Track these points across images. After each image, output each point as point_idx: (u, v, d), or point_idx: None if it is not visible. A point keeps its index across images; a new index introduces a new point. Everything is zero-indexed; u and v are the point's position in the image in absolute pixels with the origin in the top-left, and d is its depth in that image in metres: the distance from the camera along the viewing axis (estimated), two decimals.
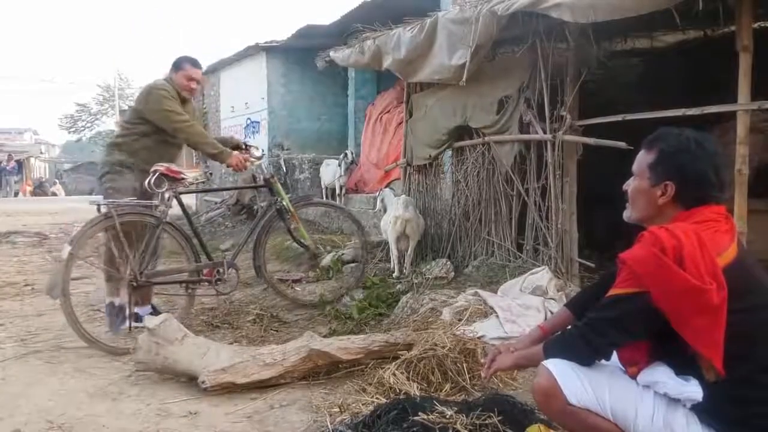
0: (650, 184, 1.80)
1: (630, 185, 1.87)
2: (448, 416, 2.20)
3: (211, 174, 4.74)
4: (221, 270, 4.14)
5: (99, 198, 3.96)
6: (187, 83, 4.18)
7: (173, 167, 4.00)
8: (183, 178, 4.02)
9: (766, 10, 4.54)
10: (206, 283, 4.15)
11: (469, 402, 2.42)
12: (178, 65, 4.21)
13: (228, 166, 4.27)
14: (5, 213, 11.87)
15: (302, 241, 4.75)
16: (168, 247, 4.42)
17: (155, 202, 3.89)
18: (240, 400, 2.88)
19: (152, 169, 3.92)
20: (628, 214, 1.89)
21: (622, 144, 3.96)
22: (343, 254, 5.91)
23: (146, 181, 3.87)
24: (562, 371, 1.76)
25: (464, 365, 2.87)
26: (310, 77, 11.15)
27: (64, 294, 3.55)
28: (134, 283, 3.77)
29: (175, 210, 4.08)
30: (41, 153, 32.77)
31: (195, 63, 4.26)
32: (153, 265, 3.97)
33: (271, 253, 6.25)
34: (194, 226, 4.37)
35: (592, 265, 4.60)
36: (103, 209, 3.68)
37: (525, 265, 4.74)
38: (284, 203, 4.48)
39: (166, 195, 3.93)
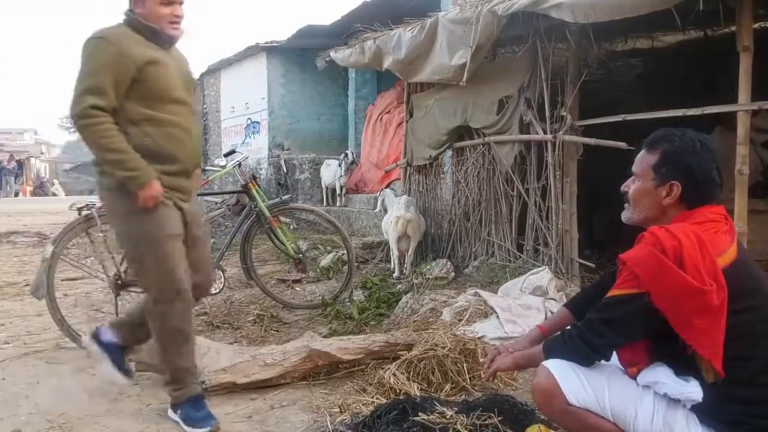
0: (655, 185, 1.79)
1: (630, 186, 1.86)
2: (448, 416, 2.20)
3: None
4: None
5: (78, 199, 3.91)
6: (163, 10, 2.52)
7: None
8: None
9: (767, 10, 4.55)
10: None
11: (470, 402, 2.41)
12: None
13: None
14: (5, 213, 11.86)
15: (282, 247, 4.64)
16: None
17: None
18: (240, 400, 2.88)
19: None
20: (628, 215, 1.88)
21: (622, 144, 3.96)
22: (343, 254, 5.92)
23: None
24: (562, 371, 1.76)
25: (464, 365, 2.87)
26: (311, 77, 11.16)
27: (49, 294, 3.52)
28: (119, 282, 3.74)
29: None
30: (42, 153, 32.75)
31: None
32: None
33: (270, 254, 6.25)
34: None
35: (593, 265, 4.60)
36: (84, 211, 3.67)
37: (525, 266, 4.74)
38: (261, 209, 4.41)
39: None
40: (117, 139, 2.43)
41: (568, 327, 1.92)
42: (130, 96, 2.47)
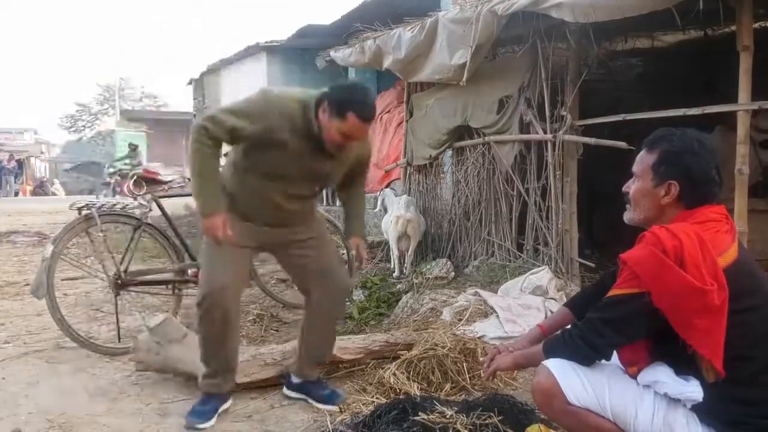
0: (653, 184, 1.79)
1: (631, 187, 1.86)
2: (448, 416, 2.20)
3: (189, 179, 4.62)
4: None
5: (78, 198, 3.94)
6: (337, 137, 2.50)
7: (150, 168, 4.00)
8: (161, 181, 4.01)
9: (767, 10, 4.55)
10: (193, 284, 4.10)
11: (470, 402, 2.42)
12: (339, 109, 2.44)
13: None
14: (5, 212, 11.86)
15: None
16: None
17: (135, 203, 3.89)
18: (240, 399, 2.88)
19: (131, 173, 3.94)
20: (629, 216, 1.88)
21: (622, 144, 3.97)
22: (342, 254, 5.91)
23: (125, 185, 3.88)
24: (562, 371, 1.76)
25: (464, 365, 2.88)
26: (311, 77, 11.11)
27: (49, 293, 3.50)
28: (119, 281, 3.73)
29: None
30: (41, 153, 32.75)
31: (364, 113, 2.47)
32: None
33: None
34: (175, 227, 4.33)
35: (593, 265, 4.61)
36: (84, 211, 3.67)
37: (525, 265, 4.75)
38: None
39: (145, 198, 3.95)
40: (207, 164, 2.52)
41: (569, 326, 1.92)
42: (243, 147, 2.59)
